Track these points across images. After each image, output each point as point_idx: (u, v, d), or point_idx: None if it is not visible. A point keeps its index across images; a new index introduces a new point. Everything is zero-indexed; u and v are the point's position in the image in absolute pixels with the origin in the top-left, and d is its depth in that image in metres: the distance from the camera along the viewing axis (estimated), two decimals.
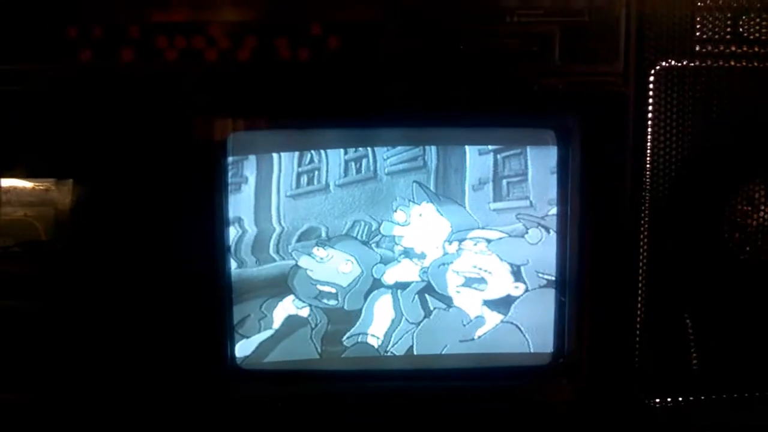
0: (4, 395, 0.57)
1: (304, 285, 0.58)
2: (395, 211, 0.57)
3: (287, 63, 0.53)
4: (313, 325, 0.59)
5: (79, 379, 0.56)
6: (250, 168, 0.56)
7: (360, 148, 0.57)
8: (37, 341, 0.56)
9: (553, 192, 0.57)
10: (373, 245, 0.58)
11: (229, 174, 0.56)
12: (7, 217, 0.57)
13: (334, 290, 0.58)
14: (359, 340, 0.59)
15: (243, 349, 0.59)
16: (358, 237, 0.57)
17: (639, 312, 0.56)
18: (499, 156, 0.57)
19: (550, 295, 0.58)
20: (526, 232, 0.57)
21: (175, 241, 0.55)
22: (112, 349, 0.56)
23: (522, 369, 0.60)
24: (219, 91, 0.54)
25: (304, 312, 0.58)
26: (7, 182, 0.57)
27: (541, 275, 0.58)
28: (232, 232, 0.57)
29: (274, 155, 0.56)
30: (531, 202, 0.57)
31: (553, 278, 0.58)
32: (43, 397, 0.57)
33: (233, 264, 0.57)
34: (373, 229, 0.57)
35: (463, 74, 0.53)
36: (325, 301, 0.58)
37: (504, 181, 0.57)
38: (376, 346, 0.59)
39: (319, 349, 0.59)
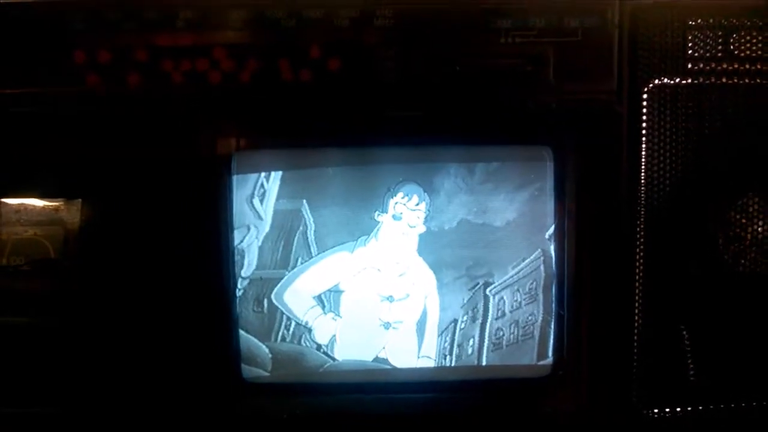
0: (14, 409, 0.58)
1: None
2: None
3: (289, 84, 0.54)
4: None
5: (89, 394, 0.58)
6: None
7: None
8: (47, 357, 0.57)
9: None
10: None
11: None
12: (18, 236, 0.58)
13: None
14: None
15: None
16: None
17: (636, 324, 0.57)
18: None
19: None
20: None
21: (182, 257, 0.56)
22: (120, 363, 0.57)
23: (522, 381, 0.60)
24: (223, 111, 0.55)
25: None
26: (18, 202, 0.58)
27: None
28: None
29: None
30: None
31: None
32: (55, 410, 0.58)
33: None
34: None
35: (460, 94, 0.54)
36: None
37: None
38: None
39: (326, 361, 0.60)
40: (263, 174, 0.58)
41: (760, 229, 0.57)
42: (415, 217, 0.59)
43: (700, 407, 0.58)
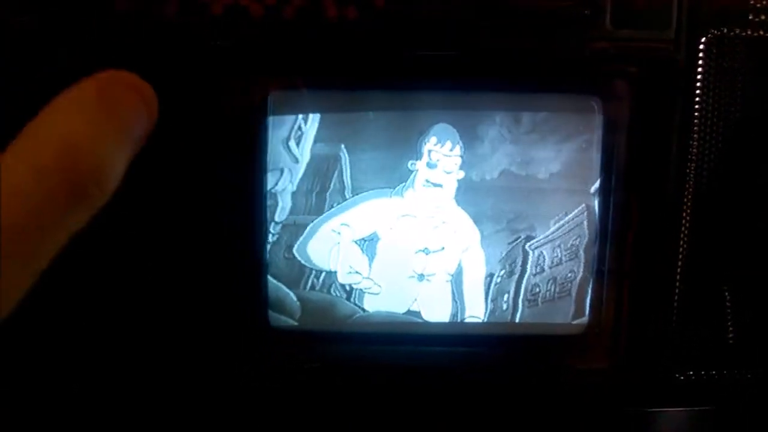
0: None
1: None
2: None
3: (333, 21, 0.52)
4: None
5: (116, 340, 0.56)
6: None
7: None
8: (74, 300, 0.55)
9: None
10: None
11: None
12: None
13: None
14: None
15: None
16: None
17: (677, 284, 0.56)
18: None
19: None
20: None
21: (213, 200, 0.55)
22: (148, 308, 0.56)
23: (557, 338, 0.60)
24: (263, 47, 0.53)
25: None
26: None
27: None
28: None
29: None
30: None
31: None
32: (80, 356, 0.56)
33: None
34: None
35: (512, 36, 0.52)
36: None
37: None
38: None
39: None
40: (301, 116, 0.56)
41: None
42: (452, 163, 0.57)
43: (736, 371, 0.58)
